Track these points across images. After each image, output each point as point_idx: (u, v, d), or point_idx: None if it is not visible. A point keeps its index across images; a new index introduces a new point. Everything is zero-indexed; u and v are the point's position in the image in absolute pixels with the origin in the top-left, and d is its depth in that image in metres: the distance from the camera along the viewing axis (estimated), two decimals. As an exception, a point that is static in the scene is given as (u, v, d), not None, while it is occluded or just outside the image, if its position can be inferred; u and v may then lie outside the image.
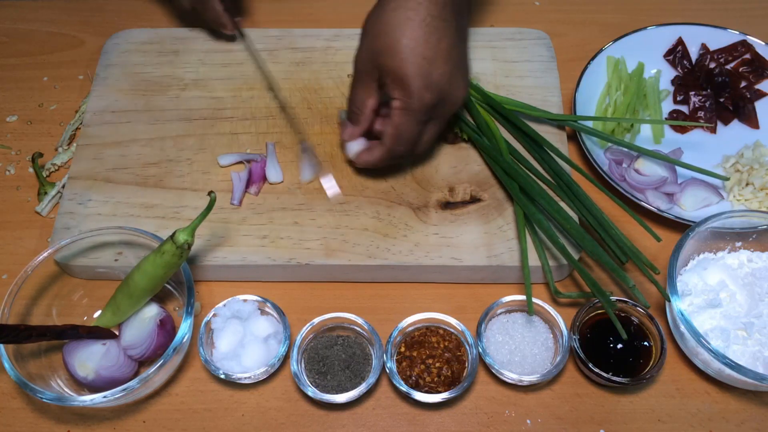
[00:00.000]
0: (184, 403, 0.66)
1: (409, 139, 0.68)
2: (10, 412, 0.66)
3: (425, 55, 0.64)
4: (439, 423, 0.65)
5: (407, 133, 0.67)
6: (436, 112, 0.68)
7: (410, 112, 0.66)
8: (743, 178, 0.76)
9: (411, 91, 0.65)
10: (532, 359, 0.65)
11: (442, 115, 0.69)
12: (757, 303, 0.66)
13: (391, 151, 0.69)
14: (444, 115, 0.69)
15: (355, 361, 0.65)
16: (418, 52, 0.64)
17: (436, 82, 0.65)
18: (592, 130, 0.76)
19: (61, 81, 0.88)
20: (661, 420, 0.65)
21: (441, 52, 0.64)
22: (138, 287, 0.63)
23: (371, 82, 0.68)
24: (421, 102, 0.65)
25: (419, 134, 0.69)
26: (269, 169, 0.75)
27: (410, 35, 0.63)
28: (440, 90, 0.65)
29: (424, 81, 0.64)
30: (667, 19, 0.88)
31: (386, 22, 0.65)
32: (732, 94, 0.84)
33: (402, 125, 0.67)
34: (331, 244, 0.71)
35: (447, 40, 0.65)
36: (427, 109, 0.66)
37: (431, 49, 0.64)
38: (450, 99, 0.67)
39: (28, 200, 0.79)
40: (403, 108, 0.66)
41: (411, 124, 0.67)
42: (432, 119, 0.68)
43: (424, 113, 0.66)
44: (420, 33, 0.63)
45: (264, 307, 0.68)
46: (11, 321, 0.64)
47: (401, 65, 0.64)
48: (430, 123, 0.69)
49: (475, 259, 0.70)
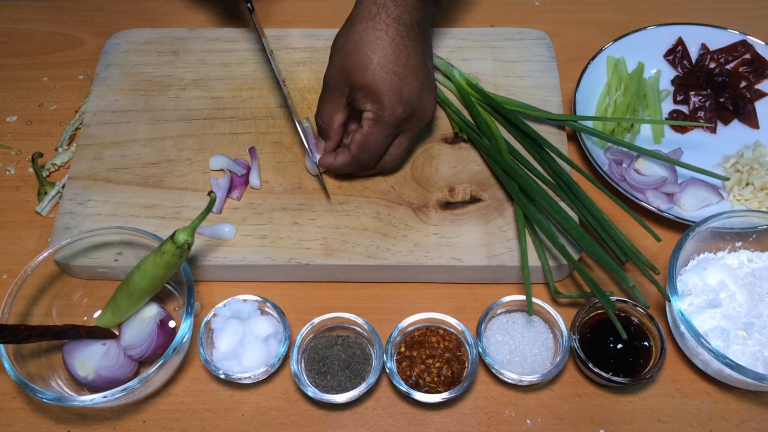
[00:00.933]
0: (184, 403, 0.66)
1: (375, 149, 0.70)
2: (10, 412, 0.66)
3: (396, 71, 0.67)
4: (439, 423, 0.65)
5: (375, 143, 0.70)
6: (406, 126, 0.70)
7: (381, 124, 0.68)
8: (743, 178, 0.76)
9: (384, 104, 0.67)
10: (532, 359, 0.65)
11: (411, 129, 0.71)
12: (757, 303, 0.66)
13: (356, 157, 0.71)
14: (413, 129, 0.71)
15: (355, 361, 0.65)
16: (390, 68, 0.67)
17: (407, 96, 0.68)
18: (592, 130, 0.76)
19: (61, 81, 0.88)
20: (661, 420, 0.65)
21: (410, 69, 0.67)
22: (138, 287, 0.63)
23: (341, 98, 0.70)
24: (393, 115, 0.68)
25: (385, 146, 0.71)
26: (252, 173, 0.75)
27: (381, 53, 0.67)
28: (411, 105, 0.68)
29: (396, 96, 0.67)
30: (667, 19, 0.88)
31: (357, 41, 0.67)
32: (732, 94, 0.84)
33: (371, 135, 0.69)
34: (331, 244, 0.71)
35: (415, 58, 0.68)
36: (399, 122, 0.69)
37: (401, 66, 0.67)
38: (420, 113, 0.70)
39: (28, 200, 0.79)
40: (375, 119, 0.68)
41: (380, 135, 0.69)
42: (402, 133, 0.71)
43: (395, 126, 0.69)
44: (390, 51, 0.67)
45: (264, 307, 0.68)
46: (11, 321, 0.64)
47: (374, 80, 0.67)
48: (399, 137, 0.71)
49: (475, 259, 0.70)
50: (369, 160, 0.71)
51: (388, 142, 0.71)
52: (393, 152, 0.72)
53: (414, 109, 0.69)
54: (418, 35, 0.69)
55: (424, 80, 0.69)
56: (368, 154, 0.70)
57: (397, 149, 0.72)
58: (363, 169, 0.73)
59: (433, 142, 0.78)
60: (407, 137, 0.72)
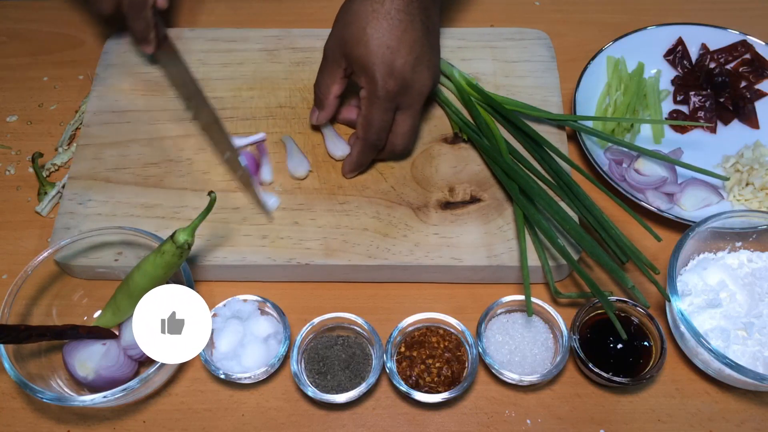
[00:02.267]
0: (184, 403, 0.66)
1: (379, 127, 0.70)
2: (10, 412, 0.66)
3: (389, 45, 0.67)
4: (439, 423, 0.65)
5: (376, 120, 0.70)
6: (403, 101, 0.70)
7: (376, 100, 0.69)
8: (743, 178, 0.76)
9: (375, 78, 0.67)
10: (532, 359, 0.65)
11: (410, 104, 0.70)
12: (757, 303, 0.66)
13: (365, 141, 0.71)
14: (411, 104, 0.70)
15: (355, 361, 0.65)
16: (382, 41, 0.67)
17: (399, 70, 0.67)
18: (592, 130, 0.76)
19: (61, 81, 0.88)
20: (661, 420, 0.65)
21: (404, 43, 0.67)
22: (138, 287, 0.63)
23: (337, 69, 0.71)
24: (385, 89, 0.68)
25: (388, 122, 0.71)
26: (264, 168, 0.76)
27: (375, 25, 0.67)
28: (403, 78, 0.68)
29: (387, 69, 0.67)
30: (667, 19, 0.88)
31: (354, 12, 0.68)
32: (732, 94, 0.84)
33: (370, 113, 0.69)
34: (331, 244, 0.71)
35: (411, 33, 0.67)
36: (392, 96, 0.68)
37: (395, 40, 0.67)
38: (415, 87, 0.69)
39: (28, 200, 0.79)
40: (368, 96, 0.69)
41: (378, 111, 0.69)
42: (401, 109, 0.71)
43: (389, 100, 0.69)
44: (384, 24, 0.67)
45: (264, 307, 0.68)
46: (11, 321, 0.64)
47: (366, 53, 0.67)
48: (400, 113, 0.71)
49: (475, 259, 0.70)
50: (378, 139, 0.71)
51: (389, 117, 0.70)
52: (398, 131, 0.72)
53: (407, 82, 0.68)
54: (418, 11, 0.68)
55: (420, 55, 0.68)
56: (374, 132, 0.70)
57: (401, 128, 0.72)
58: (376, 149, 0.73)
59: (433, 142, 0.78)
60: (409, 114, 0.71)
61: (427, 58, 0.69)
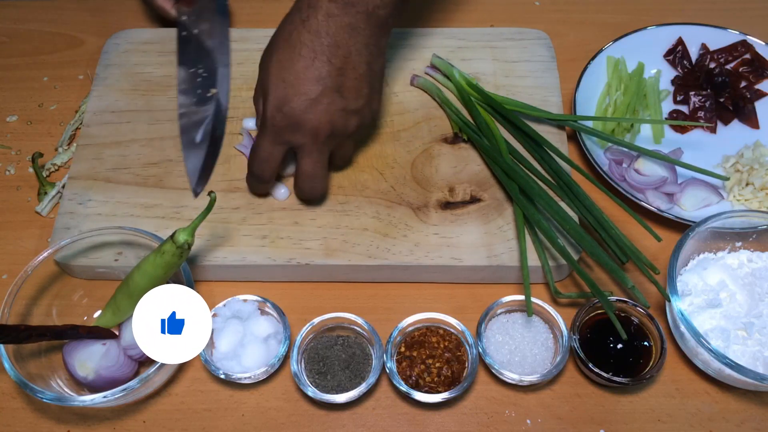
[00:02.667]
0: (184, 403, 0.66)
1: (262, 158, 0.67)
2: (10, 412, 0.66)
3: (285, 78, 0.63)
4: (439, 423, 0.65)
5: (260, 151, 0.67)
6: (293, 139, 0.65)
7: (263, 130, 0.66)
8: (743, 178, 0.76)
9: (266, 108, 0.65)
10: (532, 359, 0.65)
11: (302, 145, 0.66)
12: (757, 303, 0.66)
13: (249, 169, 0.69)
14: (304, 144, 0.65)
15: (355, 361, 0.65)
16: (280, 74, 0.63)
17: (289, 106, 0.63)
18: (592, 130, 0.76)
19: (61, 81, 0.88)
20: (661, 420, 0.65)
21: (304, 80, 0.63)
22: (138, 287, 0.63)
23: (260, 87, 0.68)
24: (272, 122, 0.64)
25: (275, 157, 0.67)
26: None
27: (281, 54, 0.64)
28: (291, 116, 0.64)
29: (278, 102, 0.64)
30: (667, 19, 0.88)
31: (278, 29, 0.66)
32: (732, 94, 0.84)
33: (256, 141, 0.67)
34: (331, 244, 0.71)
35: (313, 71, 0.63)
36: (277, 130, 0.65)
37: (293, 74, 0.63)
38: (306, 128, 0.64)
39: (28, 200, 0.79)
40: (260, 125, 0.67)
41: (263, 142, 0.66)
42: (297, 149, 0.66)
43: (275, 134, 0.65)
44: (287, 54, 0.63)
45: (264, 307, 0.68)
46: (11, 321, 0.64)
47: (263, 82, 0.65)
48: (298, 153, 0.67)
49: (475, 259, 0.70)
50: (261, 171, 0.68)
51: (275, 151, 0.66)
52: (298, 172, 0.68)
53: (297, 122, 0.64)
54: (326, 47, 0.62)
55: (319, 97, 0.63)
56: (258, 162, 0.67)
57: (300, 169, 0.68)
58: (261, 182, 0.69)
59: (433, 142, 0.78)
60: (304, 156, 0.66)
61: (326, 101, 0.63)
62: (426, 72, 0.83)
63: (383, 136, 0.78)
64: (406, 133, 0.79)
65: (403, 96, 0.82)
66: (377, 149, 0.77)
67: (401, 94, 0.82)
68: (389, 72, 0.83)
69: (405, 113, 0.80)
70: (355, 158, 0.76)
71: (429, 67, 0.83)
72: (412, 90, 0.82)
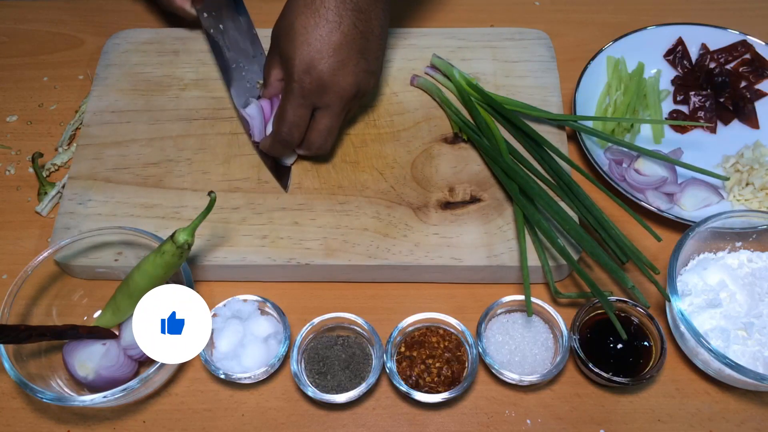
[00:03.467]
0: (184, 403, 0.66)
1: (291, 122, 0.70)
2: (10, 412, 0.66)
3: (310, 42, 0.66)
4: (439, 423, 0.65)
5: (289, 115, 0.69)
6: (320, 100, 0.69)
7: (291, 95, 0.68)
8: (743, 178, 0.76)
9: (293, 74, 0.67)
10: (532, 359, 0.65)
11: (328, 104, 0.69)
12: (757, 303, 0.66)
13: (276, 134, 0.71)
14: (329, 104, 0.69)
15: (355, 361, 0.65)
16: (305, 38, 0.67)
17: (317, 70, 0.67)
18: (592, 130, 0.76)
19: (61, 81, 0.88)
20: (661, 420, 0.65)
21: (329, 44, 0.66)
22: (138, 287, 0.63)
23: (275, 55, 0.72)
24: (301, 85, 0.67)
25: (303, 120, 0.70)
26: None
27: (302, 21, 0.67)
28: (321, 79, 0.67)
29: (306, 66, 0.67)
30: (667, 19, 0.88)
31: (290, 3, 0.69)
32: (732, 94, 0.84)
33: (284, 107, 0.70)
34: (331, 244, 0.71)
35: (338, 35, 0.67)
36: (306, 94, 0.68)
37: (317, 39, 0.66)
38: (334, 90, 0.68)
39: (28, 200, 0.79)
40: (285, 90, 0.69)
41: (291, 107, 0.69)
42: (319, 108, 0.70)
43: (304, 97, 0.68)
44: (311, 21, 0.66)
45: (264, 307, 0.68)
46: (11, 321, 0.64)
47: (288, 47, 0.67)
48: (319, 111, 0.70)
49: (475, 259, 0.70)
50: (289, 134, 0.70)
51: (303, 114, 0.69)
52: (314, 127, 0.71)
53: (325, 84, 0.67)
54: (349, 11, 0.67)
55: (345, 58, 0.67)
56: (286, 126, 0.70)
57: (317, 125, 0.71)
58: (287, 145, 0.72)
59: (433, 142, 0.78)
60: (326, 113, 0.70)
61: (353, 63, 0.68)
62: (426, 72, 0.83)
63: (383, 136, 0.78)
64: (406, 133, 0.79)
65: (403, 96, 0.82)
66: (377, 149, 0.77)
67: (401, 94, 0.82)
68: (389, 72, 0.83)
69: (405, 113, 0.80)
70: (354, 156, 0.77)
71: (429, 67, 0.83)
72: (412, 90, 0.82)
